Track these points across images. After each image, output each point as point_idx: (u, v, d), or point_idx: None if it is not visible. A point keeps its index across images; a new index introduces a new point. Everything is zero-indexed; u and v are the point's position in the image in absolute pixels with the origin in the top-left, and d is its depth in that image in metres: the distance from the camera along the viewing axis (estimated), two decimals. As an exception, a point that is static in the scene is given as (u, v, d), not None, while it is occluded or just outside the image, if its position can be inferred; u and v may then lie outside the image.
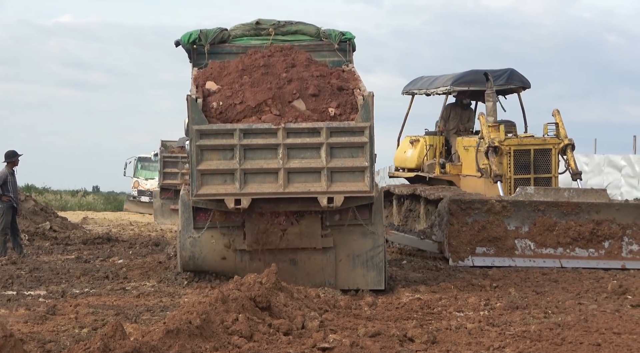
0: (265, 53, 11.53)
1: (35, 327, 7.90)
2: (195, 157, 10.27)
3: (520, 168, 15.88)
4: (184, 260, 10.99)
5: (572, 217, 14.15)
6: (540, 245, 14.03)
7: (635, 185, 33.14)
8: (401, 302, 9.69)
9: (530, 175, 15.79)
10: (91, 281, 11.69)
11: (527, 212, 14.13)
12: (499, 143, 15.61)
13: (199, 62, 11.94)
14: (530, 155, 15.91)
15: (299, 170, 10.32)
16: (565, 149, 16.01)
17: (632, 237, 14.12)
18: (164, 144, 30.80)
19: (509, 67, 17.46)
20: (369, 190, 10.32)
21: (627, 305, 9.41)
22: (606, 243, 14.09)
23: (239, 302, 7.31)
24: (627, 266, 13.76)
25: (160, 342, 6.12)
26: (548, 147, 15.99)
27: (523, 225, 14.10)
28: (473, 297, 9.89)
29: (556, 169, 16.13)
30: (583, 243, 14.08)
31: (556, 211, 14.16)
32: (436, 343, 7.17)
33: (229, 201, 10.27)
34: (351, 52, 12.04)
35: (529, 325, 8.00)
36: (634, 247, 14.11)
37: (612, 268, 13.60)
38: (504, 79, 17.15)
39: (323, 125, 10.32)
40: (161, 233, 23.22)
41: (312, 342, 6.86)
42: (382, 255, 10.83)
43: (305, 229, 10.72)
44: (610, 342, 7.08)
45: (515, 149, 15.85)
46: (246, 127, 10.31)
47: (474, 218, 13.95)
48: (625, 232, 14.12)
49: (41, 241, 18.55)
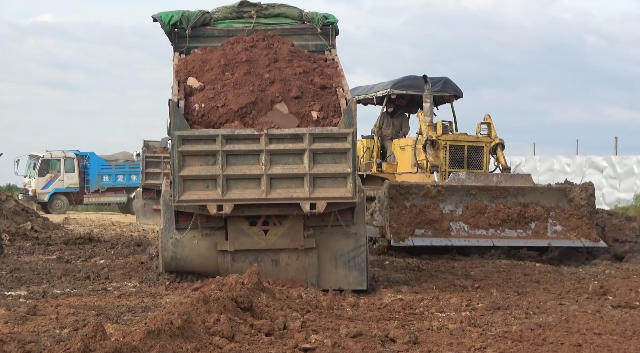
0: (247, 43, 11.45)
1: (16, 327, 7.85)
2: (177, 163, 10.21)
3: (454, 162, 17.30)
4: (166, 260, 10.96)
5: (501, 200, 15.47)
6: (474, 226, 15.28)
7: (616, 186, 33.31)
8: (383, 302, 9.70)
9: (463, 169, 17.00)
10: (72, 281, 11.64)
11: (460, 196, 15.35)
12: (436, 137, 16.96)
13: (180, 45, 11.89)
14: (464, 151, 17.38)
15: (281, 176, 10.27)
16: (495, 148, 17.39)
17: (555, 218, 15.55)
18: (146, 143, 30.72)
19: (444, 76, 18.82)
20: (352, 196, 10.30)
21: (608, 306, 9.45)
22: (532, 224, 15.46)
23: (220, 302, 7.30)
24: (553, 244, 15.36)
25: (141, 343, 6.10)
26: (480, 145, 17.44)
27: (457, 209, 15.35)
28: (455, 297, 9.91)
29: (487, 165, 17.55)
30: (512, 224, 15.41)
31: (486, 195, 15.43)
32: (418, 344, 7.18)
33: (212, 207, 10.23)
34: (334, 36, 12.02)
35: (511, 325, 8.02)
36: (558, 228, 15.52)
37: (539, 246, 15.36)
38: (439, 86, 18.50)
39: (306, 131, 10.28)
40: (143, 233, 23.15)
41: (294, 342, 6.85)
42: (364, 255, 10.84)
43: (287, 230, 10.71)
44: (591, 343, 7.11)
45: (450, 143, 17.26)
46: (228, 132, 10.26)
47: (412, 203, 15.04)
48: (549, 213, 15.53)
49: (22, 241, 18.45)
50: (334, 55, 11.76)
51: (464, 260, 14.70)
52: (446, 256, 15.15)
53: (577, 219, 15.53)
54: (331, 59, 11.67)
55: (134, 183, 38.90)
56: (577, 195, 15.62)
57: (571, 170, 35.08)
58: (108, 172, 39.81)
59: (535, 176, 36.54)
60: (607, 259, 15.13)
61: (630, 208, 28.86)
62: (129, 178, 39.91)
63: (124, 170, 40.16)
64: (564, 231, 15.49)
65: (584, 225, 15.48)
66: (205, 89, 10.85)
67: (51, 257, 15.41)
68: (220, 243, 10.73)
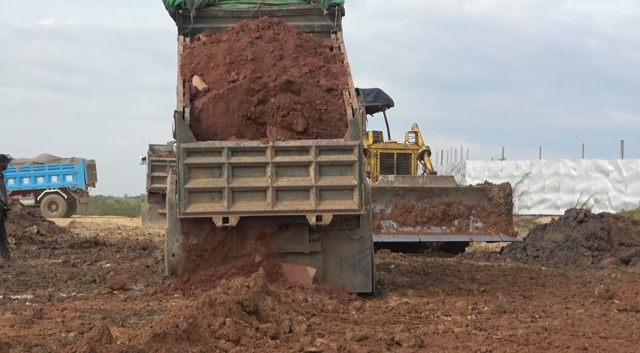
0: (252, 33, 11.38)
1: (22, 331, 7.86)
2: (182, 176, 10.18)
3: (385, 168, 18.97)
4: (172, 264, 10.96)
5: (427, 200, 16.96)
6: (402, 224, 16.78)
7: (622, 190, 33.25)
8: (389, 306, 9.69)
9: (393, 175, 18.41)
10: (78, 285, 11.65)
11: (389, 197, 16.83)
12: (367, 146, 18.36)
13: (184, 26, 11.87)
14: (394, 158, 19.15)
15: (287, 189, 10.23)
16: (422, 154, 19.23)
17: (476, 216, 17.05)
18: (152, 147, 30.78)
19: (376, 87, 20.19)
20: (358, 209, 10.28)
21: (614, 310, 9.43)
22: (456, 221, 16.97)
23: (226, 305, 7.29)
24: (474, 239, 17.29)
25: (147, 346, 6.10)
26: (409, 152, 19.27)
27: (387, 208, 16.81)
28: (461, 301, 9.89)
29: (415, 170, 19.34)
30: (437, 221, 16.89)
31: (413, 195, 16.94)
32: (423, 347, 7.17)
33: (217, 220, 10.20)
34: (340, 17, 12.02)
35: (516, 329, 8.01)
36: (479, 224, 17.04)
37: (461, 241, 17.24)
38: (372, 96, 19.84)
39: (312, 143, 10.24)
40: (149, 237, 23.17)
41: (300, 345, 6.85)
42: (370, 258, 10.82)
43: (293, 234, 10.70)
44: (597, 346, 7.10)
45: (381, 152, 19.02)
46: (234, 145, 10.23)
47: None
48: (471, 211, 17.04)
49: (28, 245, 18.50)
50: (340, 42, 11.69)
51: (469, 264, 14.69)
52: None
53: (496, 216, 17.01)
54: (337, 47, 11.59)
55: (40, 186, 38.70)
56: (496, 195, 17.12)
57: (577, 174, 35.03)
58: (13, 176, 39.20)
59: (541, 180, 36.53)
60: (613, 263, 15.11)
61: (636, 212, 28.81)
62: (35, 181, 39.47)
63: (29, 173, 39.67)
64: (485, 227, 16.99)
65: (502, 221, 16.97)
66: (209, 92, 10.78)
67: (57, 261, 15.43)
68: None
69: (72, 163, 38.98)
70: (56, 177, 39.47)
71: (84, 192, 39.71)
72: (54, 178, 39.41)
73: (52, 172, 39.46)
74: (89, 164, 39.51)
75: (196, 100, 10.69)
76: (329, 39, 11.96)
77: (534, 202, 36.66)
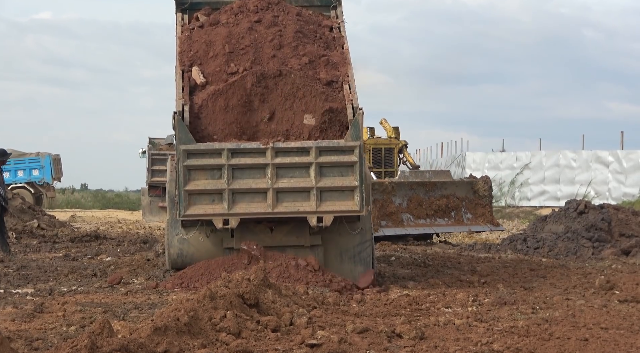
0: (252, 16, 11.30)
1: (23, 325, 7.87)
2: (182, 178, 10.14)
3: (375, 162, 20.04)
4: (172, 257, 10.96)
5: (431, 193, 17.78)
6: (417, 217, 17.60)
7: (623, 181, 33.25)
8: (389, 298, 9.69)
9: (381, 169, 19.84)
10: (79, 279, 11.65)
11: (405, 191, 17.60)
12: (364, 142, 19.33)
13: (182, 1, 11.81)
14: (382, 152, 20.47)
15: (288, 190, 10.21)
16: (402, 148, 20.60)
17: (466, 208, 18.01)
18: (151, 141, 30.73)
19: None
20: (359, 210, 10.26)
21: (615, 301, 9.43)
22: (453, 213, 17.86)
23: (227, 299, 7.30)
24: (472, 230, 18.16)
25: (148, 339, 6.10)
26: (392, 147, 20.63)
27: (403, 202, 17.60)
28: (461, 293, 9.90)
29: (397, 164, 20.65)
30: (440, 214, 17.76)
31: (422, 189, 17.73)
32: (424, 339, 7.18)
33: (217, 221, 10.17)
34: None
35: (517, 320, 8.02)
36: (469, 215, 17.98)
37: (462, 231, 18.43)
38: None
39: (312, 144, 10.21)
40: (149, 230, 23.18)
41: (300, 338, 6.85)
42: (370, 251, 10.82)
43: (293, 227, 10.68)
44: (597, 337, 7.10)
45: (373, 147, 20.19)
46: (234, 146, 10.20)
47: (375, 198, 16.69)
48: (462, 203, 17.99)
49: (29, 239, 18.50)
50: (340, 21, 11.64)
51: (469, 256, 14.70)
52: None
53: (482, 208, 18.15)
54: (337, 27, 11.53)
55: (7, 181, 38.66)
56: (480, 187, 18.15)
57: (577, 165, 35.02)
58: None
59: (542, 171, 36.53)
60: (613, 254, 15.12)
61: (636, 203, 28.81)
62: None
63: None
64: (474, 218, 18.00)
65: (487, 212, 18.10)
66: (209, 86, 10.73)
67: (58, 255, 15.43)
68: (227, 241, 10.70)
69: (38, 157, 38.77)
70: (22, 172, 39.28)
71: (50, 186, 39.59)
72: (20, 173, 39.24)
73: (19, 166, 39.33)
74: (55, 158, 39.36)
75: (195, 96, 10.63)
76: (328, 13, 11.89)
77: (534, 193, 36.67)
